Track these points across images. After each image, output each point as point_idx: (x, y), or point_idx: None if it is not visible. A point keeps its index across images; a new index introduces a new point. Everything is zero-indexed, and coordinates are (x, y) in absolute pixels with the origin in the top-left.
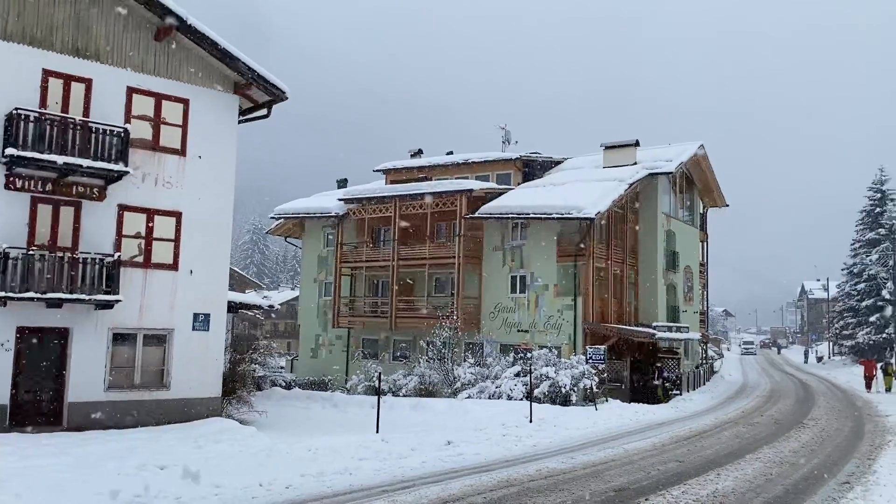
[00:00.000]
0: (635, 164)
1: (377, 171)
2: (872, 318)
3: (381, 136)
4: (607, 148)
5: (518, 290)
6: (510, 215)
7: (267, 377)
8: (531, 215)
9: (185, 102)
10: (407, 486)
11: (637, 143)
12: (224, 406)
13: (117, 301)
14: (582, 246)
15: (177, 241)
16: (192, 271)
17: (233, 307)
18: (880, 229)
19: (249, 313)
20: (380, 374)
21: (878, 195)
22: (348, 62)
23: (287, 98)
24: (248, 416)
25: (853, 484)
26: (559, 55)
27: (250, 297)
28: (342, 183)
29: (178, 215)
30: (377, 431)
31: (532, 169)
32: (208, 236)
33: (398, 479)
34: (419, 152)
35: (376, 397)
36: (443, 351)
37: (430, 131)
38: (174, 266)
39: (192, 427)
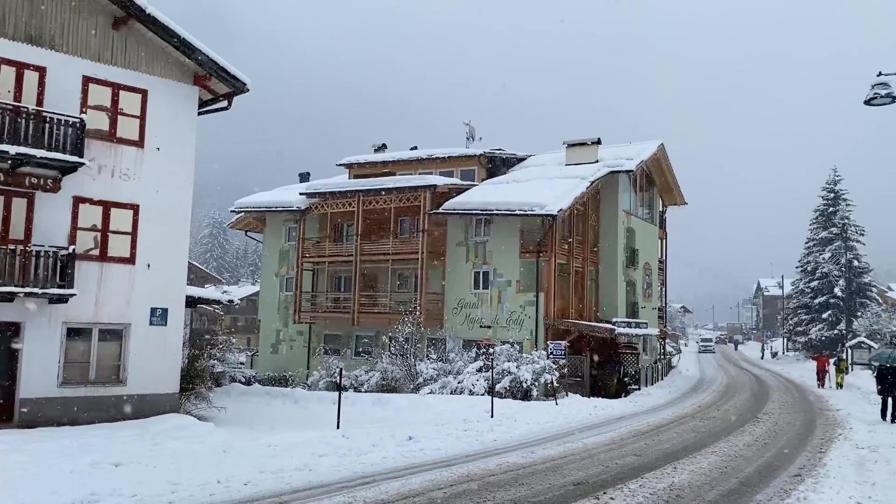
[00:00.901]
0: (597, 161)
1: (340, 165)
2: (825, 315)
3: (345, 131)
4: (570, 146)
5: (481, 286)
6: (474, 211)
7: (226, 373)
8: (494, 212)
9: (144, 93)
10: (367, 481)
11: (599, 142)
12: (182, 402)
13: (71, 295)
14: (544, 242)
15: (134, 234)
16: (149, 265)
17: (191, 302)
18: (833, 228)
19: (209, 308)
20: (341, 369)
21: (832, 195)
22: (313, 57)
23: (248, 90)
24: (206, 413)
25: (804, 476)
26: (522, 53)
27: (210, 291)
28: (304, 177)
29: (135, 208)
30: (338, 427)
31: (496, 165)
32: (166, 230)
33: (358, 474)
34: (383, 147)
35: (337, 393)
36: (405, 347)
37: (394, 127)
38: (131, 260)
39: (148, 423)
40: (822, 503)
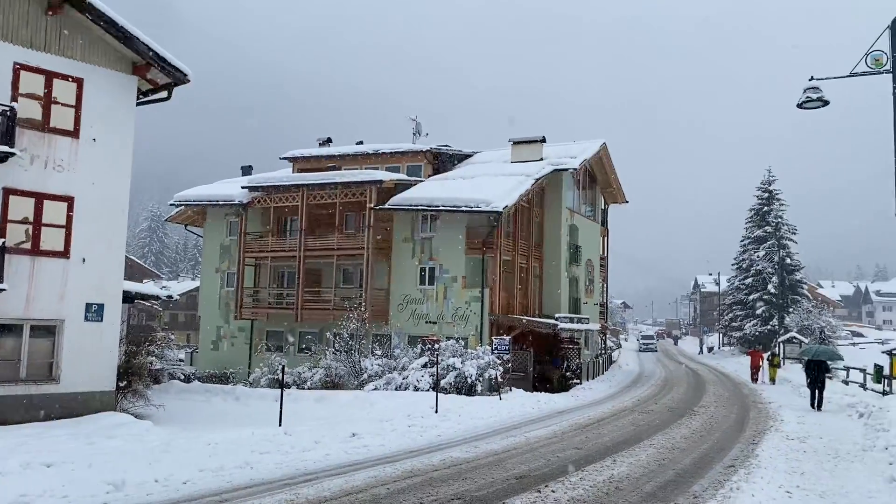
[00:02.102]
0: (542, 159)
1: (284, 158)
2: (759, 311)
3: (290, 125)
4: (515, 143)
5: (427, 282)
6: (420, 207)
7: (165, 370)
8: (441, 208)
9: (79, 82)
10: (310, 479)
11: (543, 140)
12: (119, 400)
13: (1, 290)
14: (490, 239)
15: (68, 227)
16: (84, 259)
17: (129, 297)
18: (767, 227)
19: (147, 304)
20: (283, 366)
21: (766, 195)
22: (257, 50)
23: (189, 81)
24: (144, 411)
25: (737, 467)
26: (469, 51)
27: (148, 287)
28: (247, 170)
29: (69, 200)
30: (280, 424)
31: (442, 161)
32: (102, 223)
33: (301, 472)
34: (328, 141)
35: (280, 390)
36: (350, 343)
37: (340, 122)
38: (65, 253)
39: (83, 422)
40: (754, 493)
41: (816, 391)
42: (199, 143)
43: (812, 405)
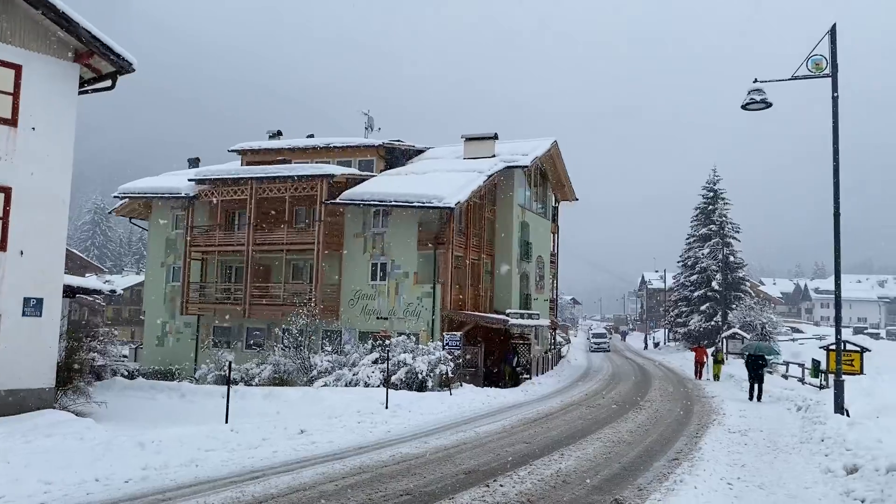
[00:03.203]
0: (494, 156)
1: (232, 151)
2: (703, 307)
3: (239, 117)
4: (468, 140)
5: (378, 278)
6: (372, 202)
7: (108, 366)
8: (393, 203)
9: (17, 69)
10: (257, 476)
11: (496, 137)
12: (58, 397)
13: None
14: (442, 235)
15: (5, 219)
16: (22, 252)
17: (70, 292)
18: (712, 225)
19: (89, 298)
20: (230, 362)
21: (711, 194)
22: (206, 41)
23: (134, 70)
24: (85, 408)
25: (681, 460)
26: (424, 47)
27: (90, 281)
28: (194, 163)
29: (7, 191)
30: (226, 422)
31: (395, 156)
32: (42, 215)
33: (247, 469)
34: (278, 134)
35: (226, 387)
36: (299, 339)
37: (291, 115)
38: (2, 246)
39: (20, 420)
40: (697, 485)
41: (755, 385)
42: (145, 135)
43: (751, 398)
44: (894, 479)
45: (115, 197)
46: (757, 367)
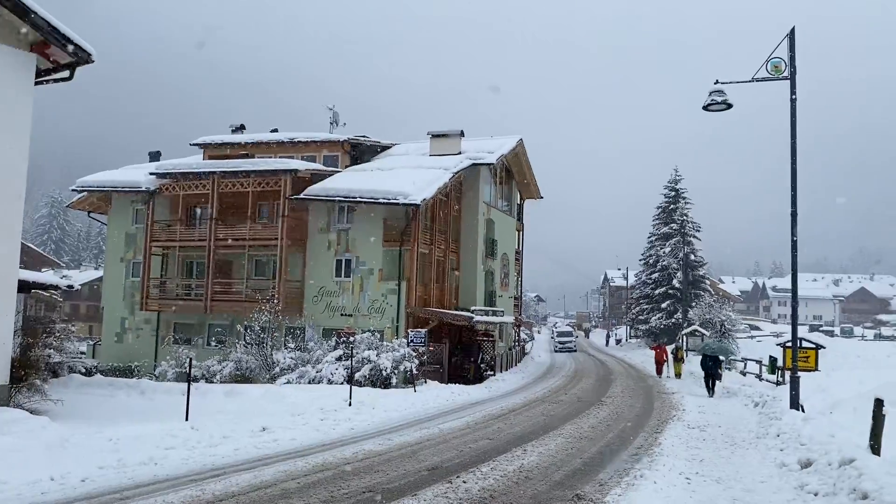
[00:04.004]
0: (460, 153)
1: (194, 145)
2: (664, 305)
3: (201, 111)
4: (434, 136)
5: (343, 274)
6: (337, 198)
7: (64, 363)
8: (358, 199)
9: None
10: (217, 474)
11: (462, 134)
12: (12, 395)
13: None
14: (407, 231)
15: None
16: None
17: (25, 287)
18: (673, 224)
19: (45, 294)
20: (191, 359)
21: (673, 193)
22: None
23: (93, 61)
24: (40, 406)
25: (641, 455)
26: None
27: (47, 276)
28: (155, 156)
29: None
30: (187, 419)
31: (360, 152)
32: None
33: (208, 467)
34: (241, 128)
35: (187, 384)
36: (262, 336)
37: (255, 109)
38: None
39: None
40: (656, 480)
41: (710, 382)
42: (105, 127)
43: (709, 393)
44: (846, 473)
45: (73, 190)
46: (713, 365)
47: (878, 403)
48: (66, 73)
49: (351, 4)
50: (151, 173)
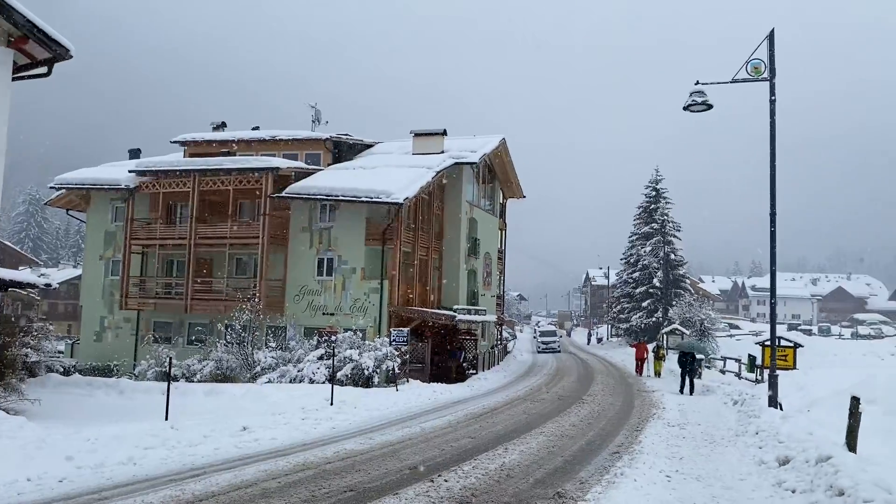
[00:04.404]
0: (443, 152)
1: (175, 142)
2: (645, 304)
3: (182, 108)
4: (417, 135)
5: (325, 273)
6: (319, 196)
7: (42, 363)
8: (340, 197)
9: None
10: (197, 474)
11: (445, 133)
12: None
13: None
14: (390, 230)
15: None
16: None
17: (2, 285)
18: (654, 224)
19: (23, 292)
20: (171, 358)
21: (654, 193)
22: (147, 28)
23: (71, 57)
24: (17, 406)
25: (622, 454)
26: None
27: (24, 274)
28: (135, 153)
29: None
30: (166, 419)
31: (342, 151)
32: None
33: (188, 467)
34: (222, 125)
35: (167, 383)
36: (243, 335)
37: (236, 107)
38: None
39: None
40: (636, 478)
41: (686, 379)
42: (84, 124)
43: (681, 391)
44: (823, 470)
45: (51, 187)
46: (689, 362)
47: (854, 401)
48: (43, 70)
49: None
50: (131, 171)
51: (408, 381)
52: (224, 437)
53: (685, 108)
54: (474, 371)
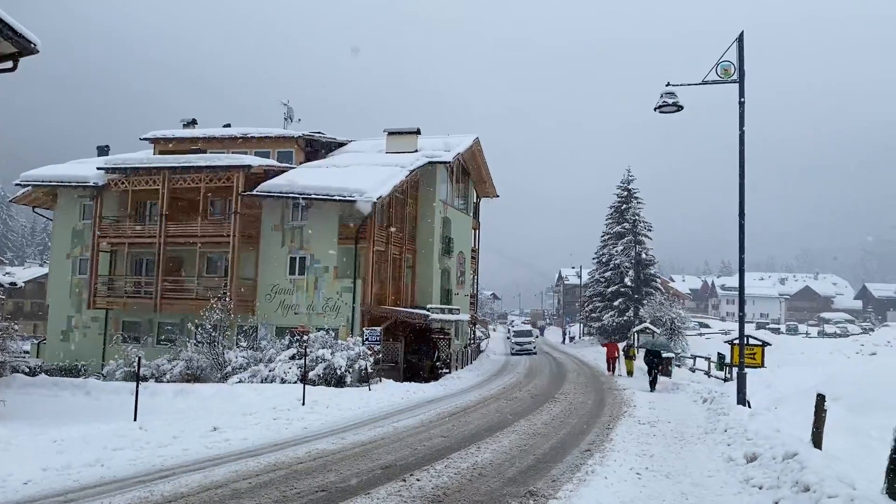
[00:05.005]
0: (416, 151)
1: (145, 139)
2: (616, 303)
3: (152, 105)
4: (390, 134)
5: (297, 272)
6: (291, 195)
7: (7, 363)
8: (313, 196)
9: None
10: (166, 475)
11: (418, 131)
12: None
13: None
14: (363, 229)
15: None
16: None
17: None
18: (625, 223)
19: None
20: (140, 358)
21: (625, 193)
22: (116, 23)
23: (37, 51)
24: None
25: (593, 451)
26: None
27: None
28: (103, 150)
29: None
30: (135, 419)
31: (315, 149)
32: None
33: (157, 468)
34: (193, 123)
35: (136, 383)
36: (213, 334)
37: (207, 104)
38: None
39: None
40: (607, 475)
41: (652, 374)
42: (51, 120)
43: (651, 388)
44: (789, 467)
45: (16, 185)
46: (653, 361)
47: (820, 399)
48: (9, 64)
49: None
50: (100, 168)
51: (381, 380)
52: (194, 438)
53: (656, 110)
54: (447, 370)
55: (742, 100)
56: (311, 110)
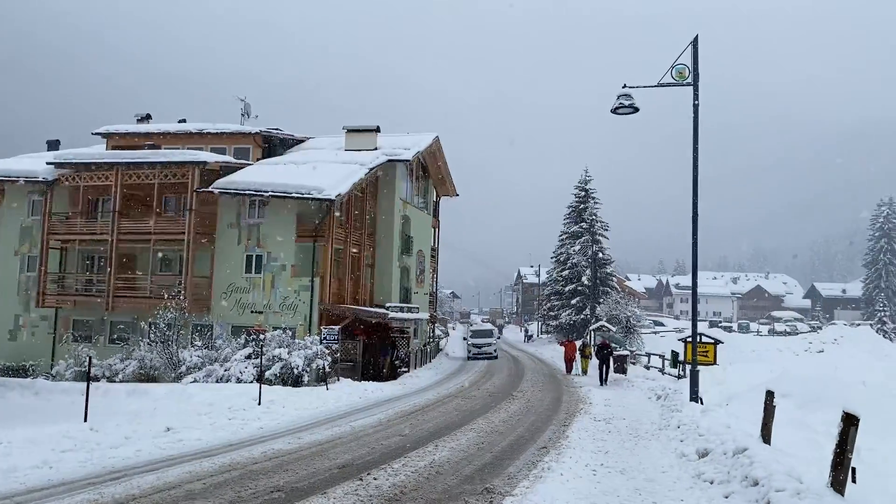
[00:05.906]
0: (376, 149)
1: (97, 134)
2: (574, 301)
3: (105, 99)
4: (350, 131)
5: (254, 270)
6: (248, 192)
7: None
8: (270, 193)
9: None
10: (118, 477)
11: (378, 129)
12: None
13: None
14: (322, 227)
15: None
16: None
17: None
18: (583, 223)
19: None
20: (90, 357)
21: (583, 193)
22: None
23: None
24: None
25: (549, 448)
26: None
27: None
28: (53, 145)
29: None
30: (85, 420)
31: (273, 145)
32: None
33: (108, 469)
34: (147, 118)
35: (86, 383)
36: (167, 333)
37: (162, 99)
38: None
39: None
40: (563, 472)
41: (603, 367)
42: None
43: (604, 382)
44: (739, 462)
45: None
46: (604, 354)
47: (769, 395)
48: None
49: None
50: (49, 163)
51: (339, 379)
52: (146, 439)
53: (613, 112)
54: (406, 369)
55: (696, 102)
56: (269, 107)
